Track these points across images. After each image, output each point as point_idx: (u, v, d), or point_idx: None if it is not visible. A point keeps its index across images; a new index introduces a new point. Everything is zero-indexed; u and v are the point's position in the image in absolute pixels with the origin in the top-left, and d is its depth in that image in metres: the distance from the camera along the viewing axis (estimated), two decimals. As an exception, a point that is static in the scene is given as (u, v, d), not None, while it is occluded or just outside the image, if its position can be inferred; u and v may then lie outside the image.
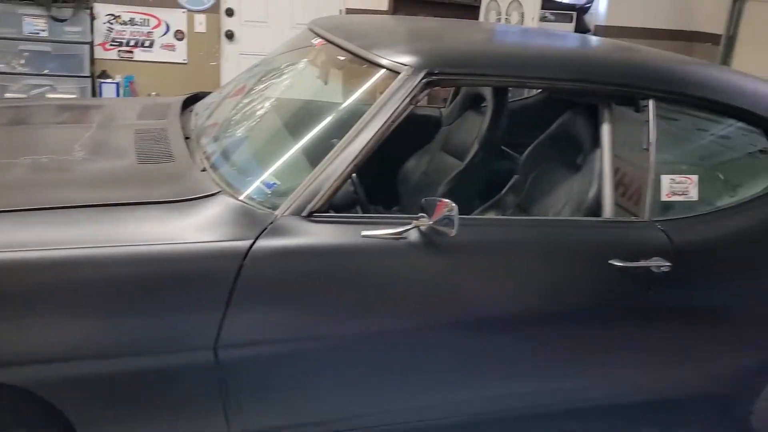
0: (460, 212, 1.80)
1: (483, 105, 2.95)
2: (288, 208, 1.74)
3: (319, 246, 1.72)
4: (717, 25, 5.88)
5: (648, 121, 2.06)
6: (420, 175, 3.16)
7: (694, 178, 2.12)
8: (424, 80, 1.85)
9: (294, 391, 1.80)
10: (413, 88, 1.84)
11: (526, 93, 3.44)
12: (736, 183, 2.26)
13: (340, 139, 1.82)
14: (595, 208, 2.11)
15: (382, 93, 1.88)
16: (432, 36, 2.41)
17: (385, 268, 1.78)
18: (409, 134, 3.28)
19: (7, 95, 4.54)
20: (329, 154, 1.80)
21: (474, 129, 2.94)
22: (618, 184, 2.59)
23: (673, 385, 2.25)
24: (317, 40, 2.39)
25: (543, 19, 5.78)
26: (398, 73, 1.88)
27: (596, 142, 2.16)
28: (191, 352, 1.66)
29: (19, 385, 1.54)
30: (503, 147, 3.00)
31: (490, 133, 2.81)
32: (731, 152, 2.35)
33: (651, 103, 2.06)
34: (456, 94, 3.27)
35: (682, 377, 2.22)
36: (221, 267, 1.64)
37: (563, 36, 2.81)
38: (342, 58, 2.22)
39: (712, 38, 6.06)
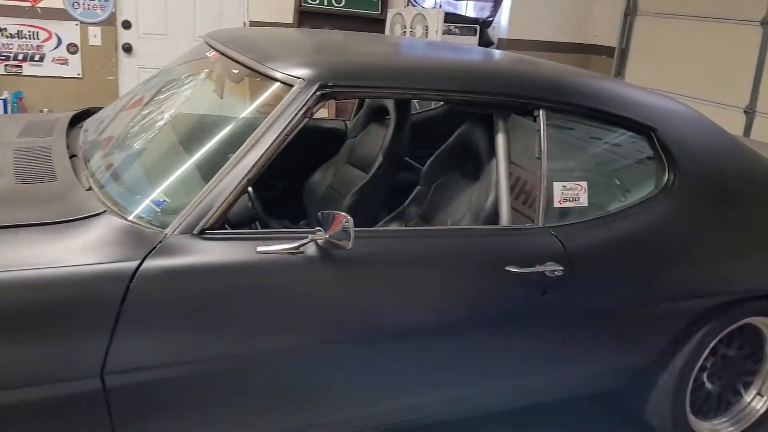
0: (366, 224, 1.79)
1: (387, 117, 2.98)
2: (178, 226, 1.68)
3: (211, 264, 1.67)
4: (611, 39, 6.20)
5: (539, 130, 2.12)
6: (326, 188, 3.15)
7: (584, 184, 2.20)
8: (318, 93, 1.84)
9: (188, 416, 1.73)
10: (307, 101, 1.83)
11: (434, 104, 3.50)
12: (627, 188, 2.36)
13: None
14: (494, 216, 2.15)
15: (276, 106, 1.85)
16: (328, 49, 2.40)
17: (282, 284, 1.74)
18: (314, 147, 3.30)
19: None
20: (221, 170, 1.75)
21: (378, 141, 2.96)
22: (519, 192, 2.67)
23: (568, 386, 2.32)
24: (211, 53, 2.34)
25: (448, 32, 5.92)
26: (291, 86, 1.86)
27: (493, 151, 2.21)
28: (78, 381, 1.57)
29: None
30: (407, 158, 3.03)
31: (394, 144, 2.84)
32: (623, 159, 2.45)
33: (542, 113, 2.13)
34: (360, 106, 3.29)
35: (579, 377, 2.29)
36: (106, 290, 1.56)
37: (462, 49, 2.87)
38: (236, 71, 2.18)
39: (606, 51, 6.38)
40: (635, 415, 2.58)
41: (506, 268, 1.98)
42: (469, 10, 6.44)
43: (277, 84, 1.91)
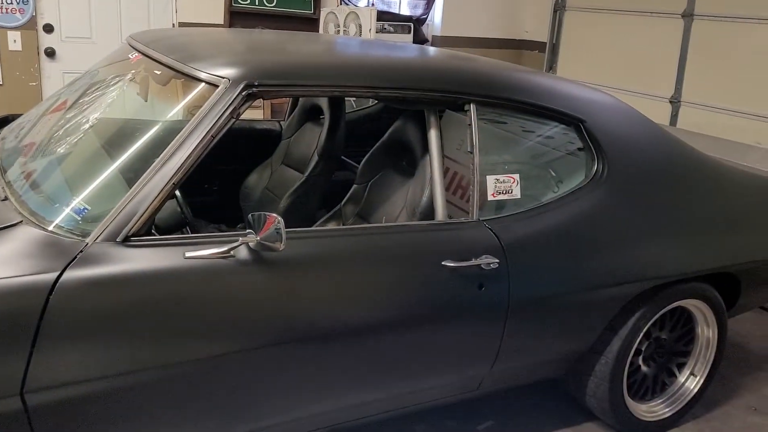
0: (303, 225, 1.75)
1: (321, 117, 2.95)
2: (100, 234, 1.61)
3: (137, 272, 1.61)
4: (542, 34, 6.33)
5: (471, 124, 2.14)
6: (262, 190, 3.10)
7: (517, 176, 2.22)
8: (243, 92, 1.80)
9: (118, 431, 1.66)
10: (233, 101, 1.78)
11: (369, 103, 3.49)
12: (559, 179, 2.40)
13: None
14: (429, 212, 2.15)
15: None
16: (255, 48, 2.36)
17: (212, 289, 1.69)
18: (249, 149, 3.25)
19: None
20: (145, 174, 1.69)
21: (313, 141, 2.93)
22: (456, 187, 2.69)
23: (508, 376, 2.34)
24: (134, 55, 2.26)
25: (382, 30, 5.92)
26: (216, 86, 1.81)
27: (426, 147, 2.21)
28: None
29: None
30: (343, 157, 3.01)
31: (329, 144, 2.82)
32: (555, 151, 2.49)
33: (472, 107, 2.14)
34: (294, 106, 3.25)
35: (517, 368, 2.32)
36: (24, 304, 1.48)
37: (394, 46, 2.86)
38: (159, 72, 2.11)
39: (538, 46, 6.51)
40: (575, 402, 2.64)
41: (443, 263, 1.98)
42: (402, 8, 6.46)
43: (202, 85, 1.86)
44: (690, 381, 2.70)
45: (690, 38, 4.72)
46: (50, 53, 4.81)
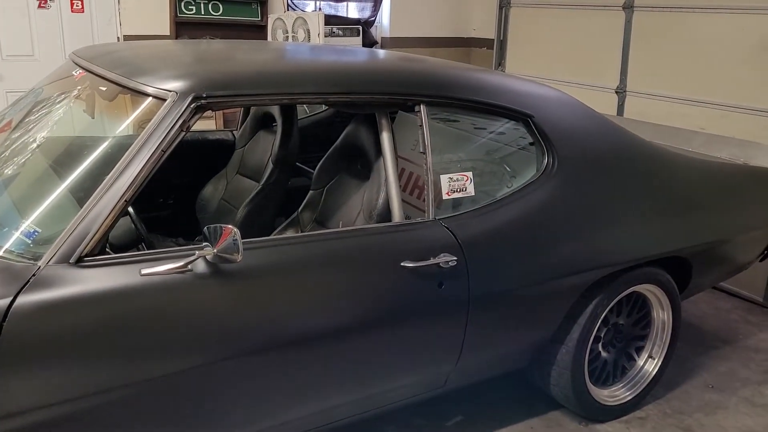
0: (262, 234, 1.74)
1: (273, 124, 2.94)
2: (52, 257, 1.59)
3: (91, 292, 1.59)
4: (489, 31, 6.41)
5: (421, 125, 2.16)
6: (218, 201, 3.08)
7: (470, 174, 2.26)
8: (192, 105, 1.79)
9: None
10: (181, 114, 1.77)
11: (322, 108, 3.49)
12: (513, 174, 2.45)
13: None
14: (386, 214, 2.17)
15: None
16: (202, 59, 2.34)
17: (171, 305, 1.68)
18: (203, 160, 3.22)
19: None
20: (96, 192, 1.67)
21: (267, 149, 2.92)
22: (413, 187, 2.71)
23: (473, 371, 2.38)
24: (78, 71, 2.23)
25: (331, 34, 5.93)
26: (164, 99, 1.80)
27: (379, 150, 2.23)
28: None
29: None
30: (298, 164, 3.01)
31: (283, 151, 2.81)
32: (507, 147, 2.54)
33: (423, 108, 2.16)
34: (246, 115, 3.23)
35: (481, 362, 2.36)
36: None
37: (343, 50, 2.88)
38: (105, 88, 2.08)
39: (486, 43, 6.59)
40: (540, 392, 2.69)
41: (401, 264, 2.00)
42: (350, 11, 6.48)
43: (150, 99, 1.85)
44: (648, 364, 2.78)
45: (632, 30, 4.84)
46: (-8, 73, 4.69)
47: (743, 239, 2.95)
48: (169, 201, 3.22)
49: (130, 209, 2.02)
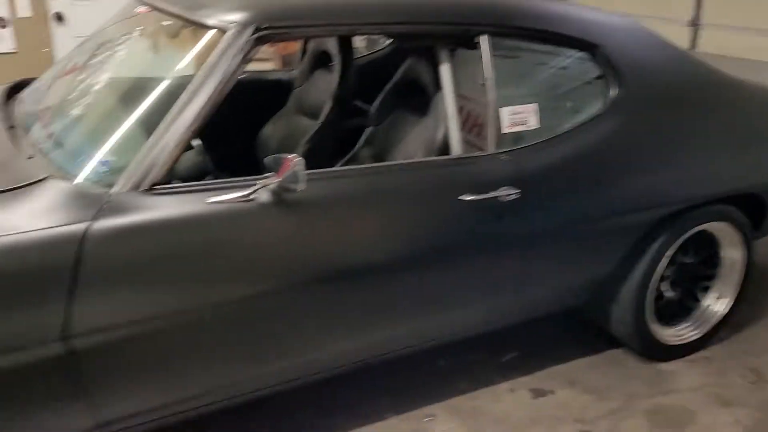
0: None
1: (331, 63, 2.94)
2: (124, 185, 1.65)
3: (160, 219, 1.65)
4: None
5: (483, 56, 2.11)
6: (278, 141, 3.11)
7: (533, 107, 2.21)
8: (253, 36, 1.80)
9: (155, 371, 1.74)
10: (243, 46, 1.79)
11: (379, 46, 3.46)
12: (576, 109, 2.38)
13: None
14: (445, 149, 2.15)
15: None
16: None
17: (235, 234, 1.73)
18: (262, 101, 3.25)
19: None
20: (163, 124, 1.72)
21: (325, 87, 2.93)
22: (472, 124, 2.67)
23: (530, 307, 2.37)
24: (140, 8, 2.26)
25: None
26: (226, 31, 1.81)
27: (438, 84, 2.19)
28: (41, 347, 1.55)
29: None
30: (356, 102, 3.00)
31: (341, 88, 2.81)
32: (570, 80, 2.46)
33: (484, 39, 2.11)
34: (304, 54, 3.23)
35: (539, 298, 2.35)
36: (57, 254, 1.53)
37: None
38: (167, 24, 2.11)
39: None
40: (599, 330, 2.66)
41: (460, 198, 1.99)
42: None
43: (212, 31, 1.87)
44: (716, 304, 2.71)
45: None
46: (60, 18, 4.81)
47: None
48: (230, 141, 3.28)
49: (198, 142, 2.07)
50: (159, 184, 1.68)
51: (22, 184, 1.63)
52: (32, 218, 1.56)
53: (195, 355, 1.78)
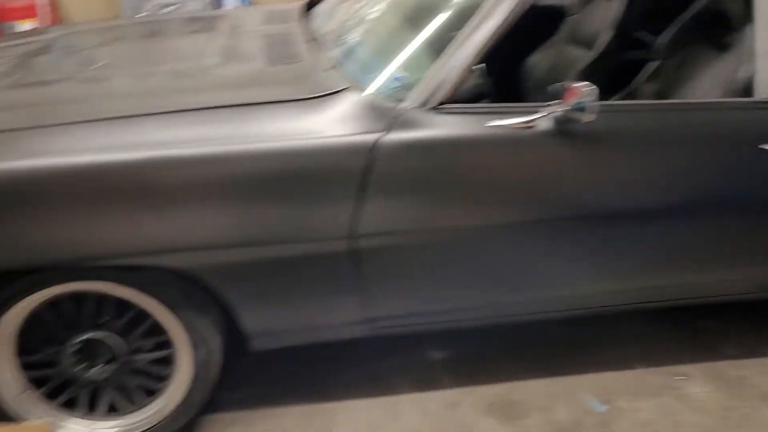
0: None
1: (615, -11, 2.74)
2: (414, 100, 1.73)
3: (444, 137, 1.71)
4: None
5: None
6: (545, 70, 3.02)
7: None
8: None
9: (424, 279, 1.84)
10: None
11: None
12: None
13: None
14: (748, 90, 1.93)
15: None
16: None
17: (512, 159, 1.75)
18: (533, 28, 3.15)
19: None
20: (454, 44, 1.76)
21: (605, 15, 2.74)
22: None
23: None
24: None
25: None
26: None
27: (747, 15, 1.95)
28: (329, 242, 1.72)
29: (184, 269, 1.68)
30: (637, 34, 2.79)
31: (625, 17, 2.62)
32: None
33: None
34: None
35: None
36: (350, 160, 1.67)
37: None
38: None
39: None
40: None
41: (761, 146, 1.79)
42: None
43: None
44: None
45: None
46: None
47: None
48: (497, 67, 3.26)
49: (482, 64, 2.09)
50: (445, 103, 1.74)
51: (326, 93, 1.78)
52: (332, 125, 1.70)
53: (461, 272, 1.85)
